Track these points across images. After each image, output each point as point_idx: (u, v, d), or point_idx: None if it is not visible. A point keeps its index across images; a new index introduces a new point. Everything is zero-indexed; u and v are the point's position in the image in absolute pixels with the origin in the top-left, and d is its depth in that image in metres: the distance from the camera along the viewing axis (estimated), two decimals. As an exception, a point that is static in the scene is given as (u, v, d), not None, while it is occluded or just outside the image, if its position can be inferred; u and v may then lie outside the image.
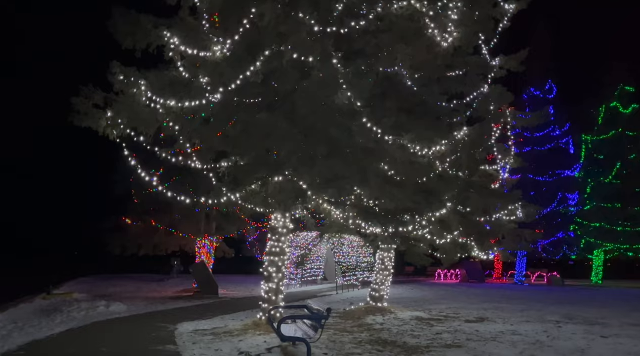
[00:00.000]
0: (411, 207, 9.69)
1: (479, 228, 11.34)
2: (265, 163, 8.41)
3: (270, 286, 11.14)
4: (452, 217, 10.50)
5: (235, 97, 8.52)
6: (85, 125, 9.19)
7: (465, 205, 10.91)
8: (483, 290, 26.45)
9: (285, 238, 11.26)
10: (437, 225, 10.33)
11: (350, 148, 8.28)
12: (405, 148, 8.97)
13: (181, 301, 17.55)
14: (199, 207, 21.64)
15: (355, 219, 10.07)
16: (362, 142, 8.42)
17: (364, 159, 8.47)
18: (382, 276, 15.24)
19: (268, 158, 8.38)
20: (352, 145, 8.30)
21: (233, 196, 9.34)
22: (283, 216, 11.10)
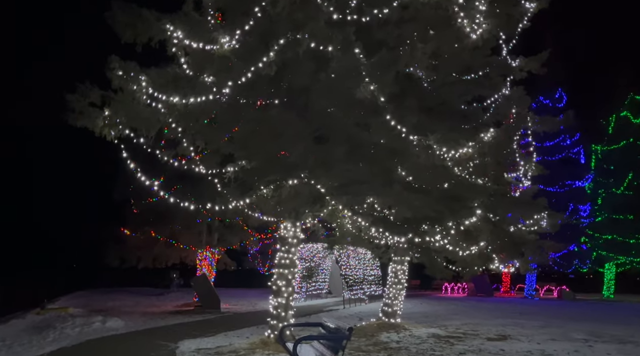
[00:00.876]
0: (433, 215, 8.89)
1: (511, 238, 10.50)
2: (278, 165, 7.61)
3: (280, 301, 10.30)
4: (482, 226, 9.70)
5: (244, 93, 7.77)
6: (80, 124, 8.42)
7: (495, 213, 10.11)
8: (494, 304, 25.51)
9: (295, 249, 10.45)
10: (463, 234, 9.52)
11: (373, 148, 7.49)
12: (431, 150, 8.21)
13: (182, 317, 16.66)
14: (203, 215, 20.87)
15: (372, 229, 9.25)
16: (384, 142, 7.63)
17: (388, 160, 7.69)
18: (395, 291, 14.39)
19: (281, 159, 7.59)
20: (375, 145, 7.51)
21: (242, 202, 8.55)
22: (293, 225, 10.29)
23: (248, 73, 7.34)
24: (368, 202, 8.63)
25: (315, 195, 7.99)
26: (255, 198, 8.58)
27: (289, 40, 7.32)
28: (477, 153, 9.27)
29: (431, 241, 9.42)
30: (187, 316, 16.95)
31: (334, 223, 11.14)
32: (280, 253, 10.44)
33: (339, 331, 7.09)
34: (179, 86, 8.06)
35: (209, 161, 8.83)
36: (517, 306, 23.88)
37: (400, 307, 14.52)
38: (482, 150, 9.33)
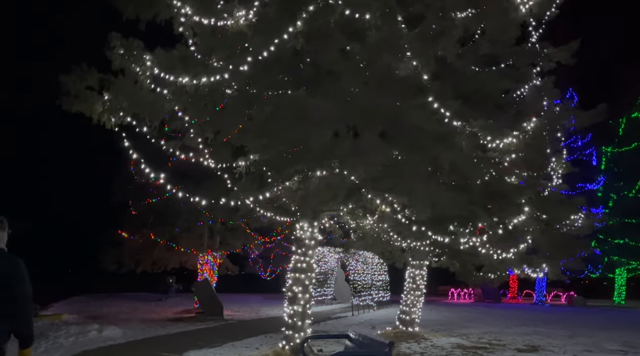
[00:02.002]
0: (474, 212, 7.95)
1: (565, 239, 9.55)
2: (304, 154, 6.65)
3: (296, 309, 9.34)
4: (531, 225, 8.77)
5: (264, 73, 6.84)
6: (76, 109, 7.49)
7: (546, 212, 9.16)
8: (506, 311, 24.57)
9: (313, 252, 9.50)
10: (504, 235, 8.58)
11: (417, 132, 6.55)
12: (476, 138, 7.30)
13: (183, 324, 15.66)
14: (205, 217, 19.88)
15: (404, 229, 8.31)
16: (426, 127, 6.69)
17: (432, 148, 6.74)
18: (413, 297, 13.44)
19: (307, 148, 6.63)
20: (417, 130, 6.56)
21: (261, 196, 7.60)
22: (311, 225, 9.35)
23: (270, 46, 6.41)
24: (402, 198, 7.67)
25: (350, 188, 7.05)
26: (277, 193, 7.63)
27: (320, 6, 6.40)
28: (522, 145, 8.37)
29: (467, 243, 8.49)
30: (189, 323, 15.97)
31: (353, 224, 10.22)
32: (296, 256, 9.49)
33: (374, 345, 6.13)
34: (189, 66, 7.13)
35: (220, 154, 7.88)
36: (532, 313, 22.96)
37: (418, 315, 13.57)
38: (526, 140, 8.44)
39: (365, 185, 6.95)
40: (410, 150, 6.53)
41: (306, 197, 7.39)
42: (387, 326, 15.99)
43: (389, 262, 14.53)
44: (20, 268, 3.62)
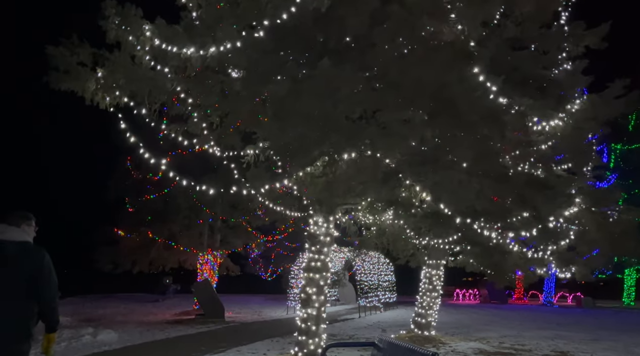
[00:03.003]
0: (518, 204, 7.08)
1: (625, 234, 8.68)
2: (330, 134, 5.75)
3: (310, 312, 8.46)
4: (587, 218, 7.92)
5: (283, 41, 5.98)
6: (66, 87, 6.59)
7: (600, 204, 8.28)
8: (516, 312, 23.77)
9: (328, 250, 8.64)
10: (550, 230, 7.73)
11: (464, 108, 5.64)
12: (521, 120, 6.44)
13: (182, 327, 14.77)
14: (205, 215, 18.98)
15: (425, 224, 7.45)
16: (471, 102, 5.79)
17: (483, 126, 5.84)
18: (429, 299, 12.59)
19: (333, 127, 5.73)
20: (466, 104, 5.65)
21: (278, 184, 6.73)
22: (326, 220, 8.49)
23: (290, 6, 5.54)
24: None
25: (386, 172, 6.18)
26: (291, 183, 6.75)
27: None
28: (569, 128, 7.54)
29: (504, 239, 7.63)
30: (189, 326, 15.08)
31: (369, 220, 9.37)
32: (310, 254, 8.63)
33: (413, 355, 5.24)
34: (195, 35, 6.25)
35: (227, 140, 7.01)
36: (544, 315, 22.16)
37: (435, 318, 12.73)
38: (572, 124, 7.61)
39: (403, 169, 6.09)
40: (457, 129, 5.63)
41: (332, 184, 6.50)
42: (398, 329, 15.16)
43: (401, 261, 13.65)
44: (47, 259, 3.94)
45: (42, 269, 3.91)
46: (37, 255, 3.95)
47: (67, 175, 32.22)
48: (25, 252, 3.93)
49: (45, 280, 3.91)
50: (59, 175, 32.35)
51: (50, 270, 3.97)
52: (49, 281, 3.93)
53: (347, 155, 6.19)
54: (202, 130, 8.05)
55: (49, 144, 33.18)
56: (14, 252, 3.88)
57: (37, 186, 33.81)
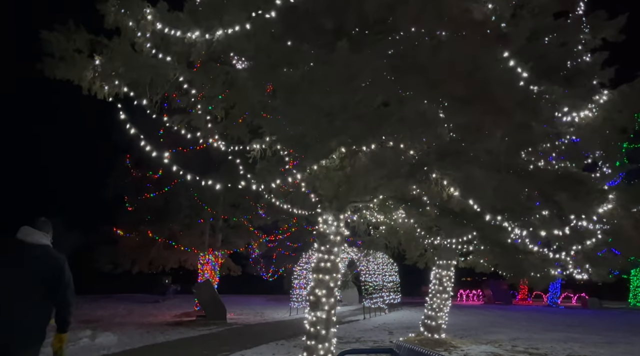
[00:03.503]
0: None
1: None
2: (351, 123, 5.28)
3: (319, 316, 8.03)
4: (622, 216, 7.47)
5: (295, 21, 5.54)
6: (62, 75, 6.16)
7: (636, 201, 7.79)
8: (523, 314, 23.35)
9: (338, 250, 8.21)
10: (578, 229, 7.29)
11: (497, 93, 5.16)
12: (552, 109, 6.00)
13: (184, 329, 14.35)
14: (206, 214, 18.54)
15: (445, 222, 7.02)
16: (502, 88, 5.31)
17: (517, 113, 5.37)
18: (439, 301, 12.16)
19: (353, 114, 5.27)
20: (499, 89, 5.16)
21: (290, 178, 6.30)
22: (336, 219, 8.06)
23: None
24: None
25: (412, 164, 5.72)
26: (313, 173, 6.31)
27: None
28: (599, 119, 7.11)
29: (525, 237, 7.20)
30: (190, 328, 14.65)
31: (380, 218, 8.95)
32: (319, 254, 8.19)
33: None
34: (200, 18, 5.82)
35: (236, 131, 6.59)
36: (552, 317, 21.73)
37: (445, 320, 12.29)
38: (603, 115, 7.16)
39: (429, 161, 5.64)
40: (491, 115, 5.15)
41: (350, 179, 6.04)
42: (405, 331, 14.74)
43: (410, 261, 13.22)
44: (64, 263, 4.16)
45: (59, 272, 4.12)
46: (56, 259, 4.17)
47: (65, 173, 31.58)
48: (45, 255, 4.15)
49: (62, 282, 4.11)
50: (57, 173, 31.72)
51: (67, 274, 4.18)
52: (65, 283, 4.14)
53: (367, 146, 5.71)
54: (206, 123, 7.62)
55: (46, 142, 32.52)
56: (35, 255, 4.10)
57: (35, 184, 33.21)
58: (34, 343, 4.05)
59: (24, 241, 4.15)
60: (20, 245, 4.12)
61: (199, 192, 17.34)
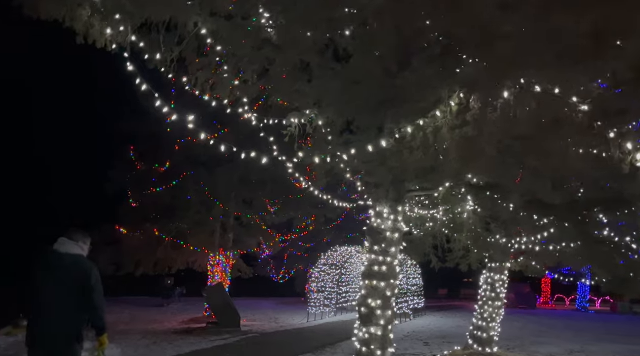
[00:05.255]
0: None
1: None
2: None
3: (373, 332, 6.44)
4: None
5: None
6: (47, 15, 4.57)
7: None
8: (555, 320, 21.76)
9: (396, 250, 6.62)
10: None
11: None
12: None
13: (194, 339, 12.77)
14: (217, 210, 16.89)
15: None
16: None
17: None
18: (491, 309, 10.57)
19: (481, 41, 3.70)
20: None
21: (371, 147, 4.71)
22: (393, 211, 6.48)
23: None
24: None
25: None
26: (405, 135, 4.69)
27: None
28: None
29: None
30: (201, 337, 13.07)
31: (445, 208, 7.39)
32: (371, 255, 6.60)
33: None
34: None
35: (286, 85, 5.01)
36: (590, 323, 20.16)
37: (497, 331, 10.70)
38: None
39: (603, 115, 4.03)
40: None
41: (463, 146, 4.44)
42: (440, 341, 13.17)
43: (450, 263, 11.63)
44: (94, 271, 4.54)
45: (86, 278, 4.43)
46: (87, 267, 4.51)
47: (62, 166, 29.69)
48: (77, 263, 4.51)
49: (92, 289, 4.43)
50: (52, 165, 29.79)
51: (93, 280, 4.47)
52: (92, 289, 4.44)
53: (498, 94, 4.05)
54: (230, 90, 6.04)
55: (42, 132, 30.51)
56: (68, 263, 4.46)
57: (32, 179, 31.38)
58: (70, 343, 4.42)
59: (57, 250, 4.53)
60: (54, 254, 4.52)
61: (210, 186, 15.74)
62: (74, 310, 4.41)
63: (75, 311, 4.41)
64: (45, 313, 4.36)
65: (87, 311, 4.45)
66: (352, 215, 28.32)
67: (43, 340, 4.36)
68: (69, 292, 4.38)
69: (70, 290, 4.39)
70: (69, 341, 4.41)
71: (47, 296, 4.38)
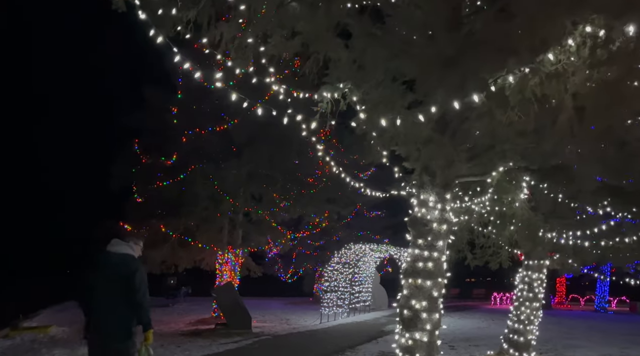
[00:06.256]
0: None
1: None
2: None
3: (418, 338, 5.61)
4: None
5: None
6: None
7: None
8: (577, 321, 20.90)
9: (444, 244, 5.78)
10: None
11: None
12: None
13: (204, 342, 11.99)
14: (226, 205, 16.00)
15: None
16: None
17: None
18: (528, 311, 9.71)
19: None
20: None
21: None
22: (440, 199, 5.65)
23: None
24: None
25: None
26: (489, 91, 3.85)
27: None
28: None
29: None
30: (211, 340, 12.29)
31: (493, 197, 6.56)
32: (415, 250, 5.77)
33: None
34: None
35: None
36: (615, 324, 19.28)
37: (535, 335, 9.84)
38: None
39: None
40: None
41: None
42: (467, 345, 12.33)
43: (479, 262, 10.81)
44: (140, 269, 4.79)
45: (134, 278, 4.67)
46: (132, 266, 4.78)
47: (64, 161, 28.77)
48: (124, 262, 4.80)
49: (137, 287, 4.66)
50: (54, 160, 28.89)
51: (138, 279, 4.70)
52: (137, 287, 4.66)
53: None
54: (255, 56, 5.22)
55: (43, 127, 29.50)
56: (115, 262, 4.79)
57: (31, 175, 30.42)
58: (122, 339, 4.64)
59: (109, 251, 4.87)
60: (105, 254, 4.85)
61: (218, 180, 14.90)
62: (123, 307, 4.66)
63: (123, 309, 4.66)
64: (98, 310, 4.70)
65: (133, 308, 4.65)
66: (363, 212, 27.57)
67: (98, 336, 4.70)
68: (117, 290, 4.66)
69: (118, 288, 4.66)
70: (121, 337, 4.66)
71: (98, 295, 4.70)
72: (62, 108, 28.71)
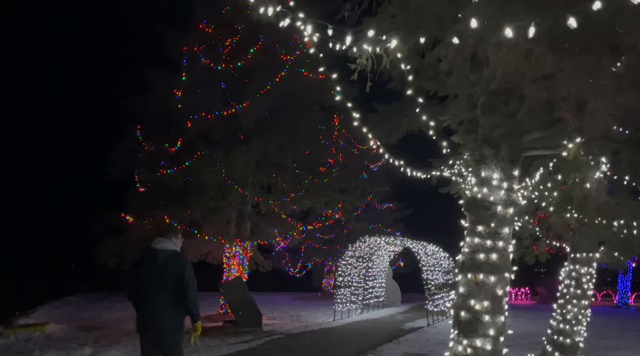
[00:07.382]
0: None
1: None
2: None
3: (479, 346, 4.61)
4: None
5: None
6: None
7: None
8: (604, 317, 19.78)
9: (509, 231, 4.76)
10: None
11: None
12: None
13: (211, 341, 11.04)
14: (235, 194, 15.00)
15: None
16: None
17: None
18: (576, 309, 8.71)
19: None
20: None
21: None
22: (507, 176, 4.62)
23: None
24: None
25: None
26: None
27: None
28: None
29: None
30: (220, 339, 11.34)
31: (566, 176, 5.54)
32: (473, 238, 4.75)
33: None
34: None
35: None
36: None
37: (583, 337, 8.83)
38: None
39: None
40: None
41: None
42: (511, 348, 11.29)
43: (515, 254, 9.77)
44: (188, 265, 5.05)
45: (181, 272, 4.93)
46: (181, 261, 5.06)
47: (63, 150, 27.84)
48: (172, 258, 5.05)
49: (183, 280, 4.87)
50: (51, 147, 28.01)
51: (187, 273, 4.93)
52: (186, 281, 4.87)
53: None
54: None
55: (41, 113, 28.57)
56: (164, 258, 5.02)
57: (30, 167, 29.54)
58: (173, 332, 4.90)
59: (155, 248, 5.10)
60: (151, 252, 5.09)
61: (226, 168, 13.89)
62: (172, 302, 4.86)
63: (173, 303, 4.86)
64: (151, 307, 4.87)
65: (183, 302, 4.85)
66: (374, 205, 26.56)
67: (150, 331, 4.89)
68: (167, 286, 4.86)
69: (168, 283, 4.86)
70: (177, 333, 4.91)
71: (150, 293, 4.88)
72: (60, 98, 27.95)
